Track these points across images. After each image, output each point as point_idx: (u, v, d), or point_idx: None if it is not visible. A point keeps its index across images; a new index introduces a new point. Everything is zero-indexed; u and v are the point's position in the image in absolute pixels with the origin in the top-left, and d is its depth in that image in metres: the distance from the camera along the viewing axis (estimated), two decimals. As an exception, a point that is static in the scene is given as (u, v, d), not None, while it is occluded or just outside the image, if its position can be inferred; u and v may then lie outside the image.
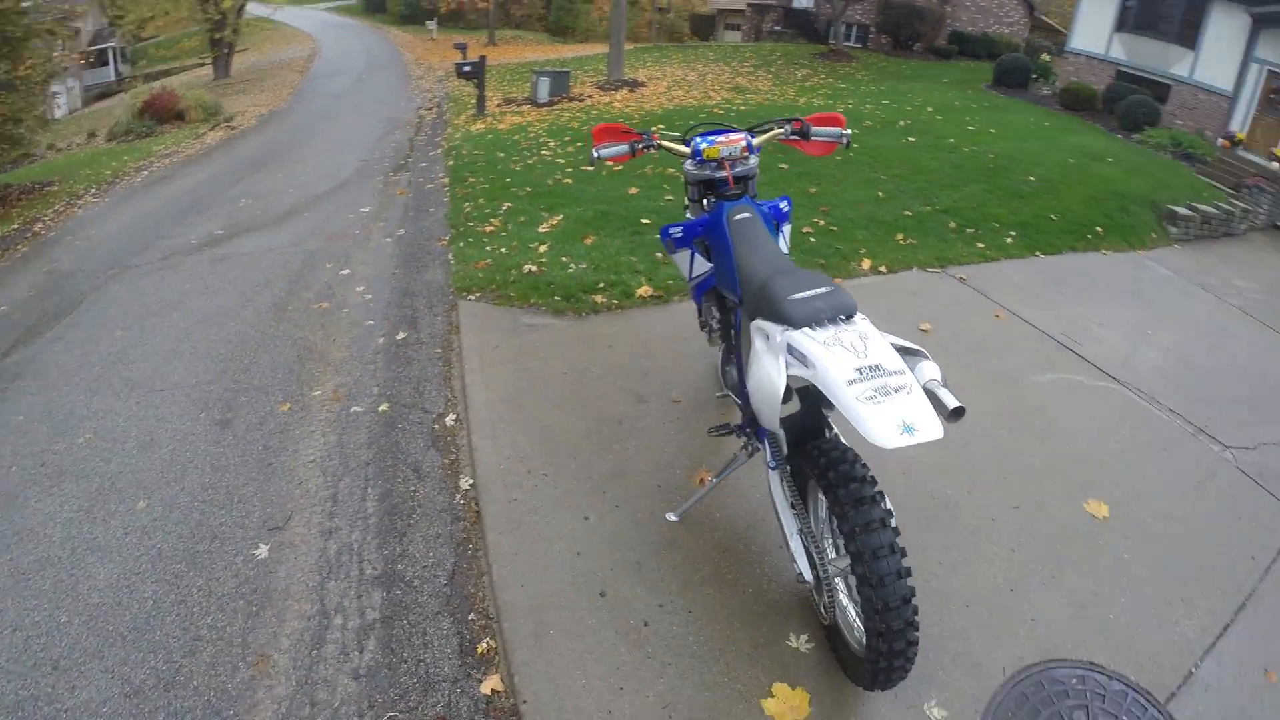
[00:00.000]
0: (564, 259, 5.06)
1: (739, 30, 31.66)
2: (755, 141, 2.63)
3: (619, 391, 3.50)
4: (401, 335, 4.16)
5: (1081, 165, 9.12)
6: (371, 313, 4.53)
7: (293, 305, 4.71)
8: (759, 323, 2.09)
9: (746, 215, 2.50)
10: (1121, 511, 3.23)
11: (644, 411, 3.37)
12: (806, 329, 1.91)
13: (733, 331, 2.69)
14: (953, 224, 6.61)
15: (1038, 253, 6.49)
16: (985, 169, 8.46)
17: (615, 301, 4.39)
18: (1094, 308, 5.67)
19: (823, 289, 2.00)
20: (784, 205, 2.77)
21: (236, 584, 2.59)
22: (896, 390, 1.71)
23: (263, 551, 2.71)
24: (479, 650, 2.33)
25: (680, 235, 2.73)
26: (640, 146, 2.60)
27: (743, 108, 12.23)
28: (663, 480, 2.97)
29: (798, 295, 1.98)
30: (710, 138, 2.58)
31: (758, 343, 2.09)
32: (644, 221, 5.82)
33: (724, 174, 2.59)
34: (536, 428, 3.22)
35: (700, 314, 3.41)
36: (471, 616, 2.45)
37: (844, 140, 2.80)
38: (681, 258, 2.81)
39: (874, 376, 1.74)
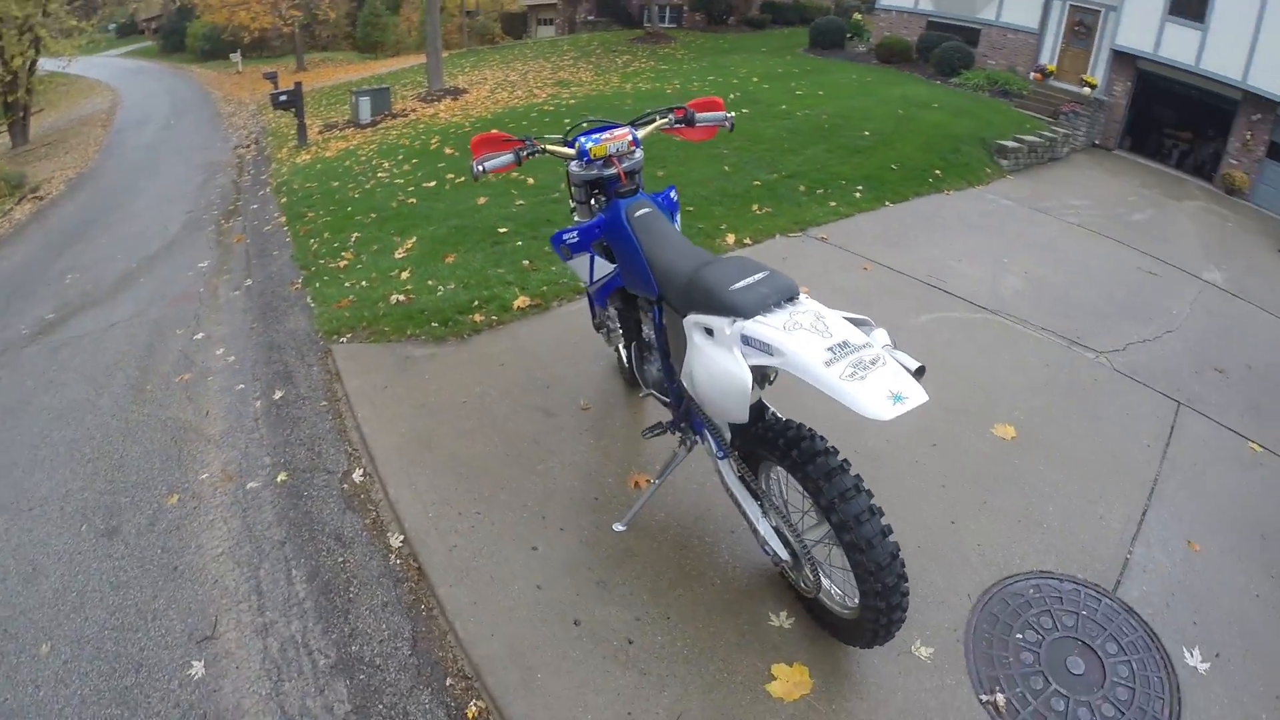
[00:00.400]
0: (430, 282, 4.83)
1: (552, 25, 31.56)
2: (640, 135, 2.60)
3: (525, 409, 3.38)
4: (279, 394, 3.81)
5: (910, 115, 9.75)
6: (239, 375, 4.13)
7: (151, 383, 4.21)
8: (696, 318, 2.05)
9: (647, 210, 2.45)
10: (1027, 430, 3.51)
11: (557, 425, 3.27)
12: (759, 317, 1.88)
13: (649, 330, 2.64)
14: (802, 187, 6.88)
15: (887, 202, 6.89)
16: (821, 130, 8.86)
17: (495, 317, 4.23)
18: (950, 246, 6.08)
19: (759, 274, 1.99)
20: (673, 194, 2.75)
21: (181, 714, 2.26)
22: (873, 363, 1.72)
23: (198, 669, 2.38)
24: (470, 715, 2.17)
25: (576, 240, 2.64)
26: (525, 154, 2.49)
27: (572, 101, 12.18)
28: (597, 491, 2.89)
29: (739, 284, 1.95)
30: (595, 136, 2.51)
31: (697, 338, 2.05)
32: (501, 230, 5.66)
33: (614, 170, 2.53)
34: (452, 465, 3.04)
35: (595, 316, 3.32)
36: (449, 682, 2.27)
37: (727, 124, 2.83)
38: (580, 263, 2.72)
39: (846, 353, 1.74)
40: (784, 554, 2.27)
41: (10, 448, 3.73)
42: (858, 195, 6.85)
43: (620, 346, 3.49)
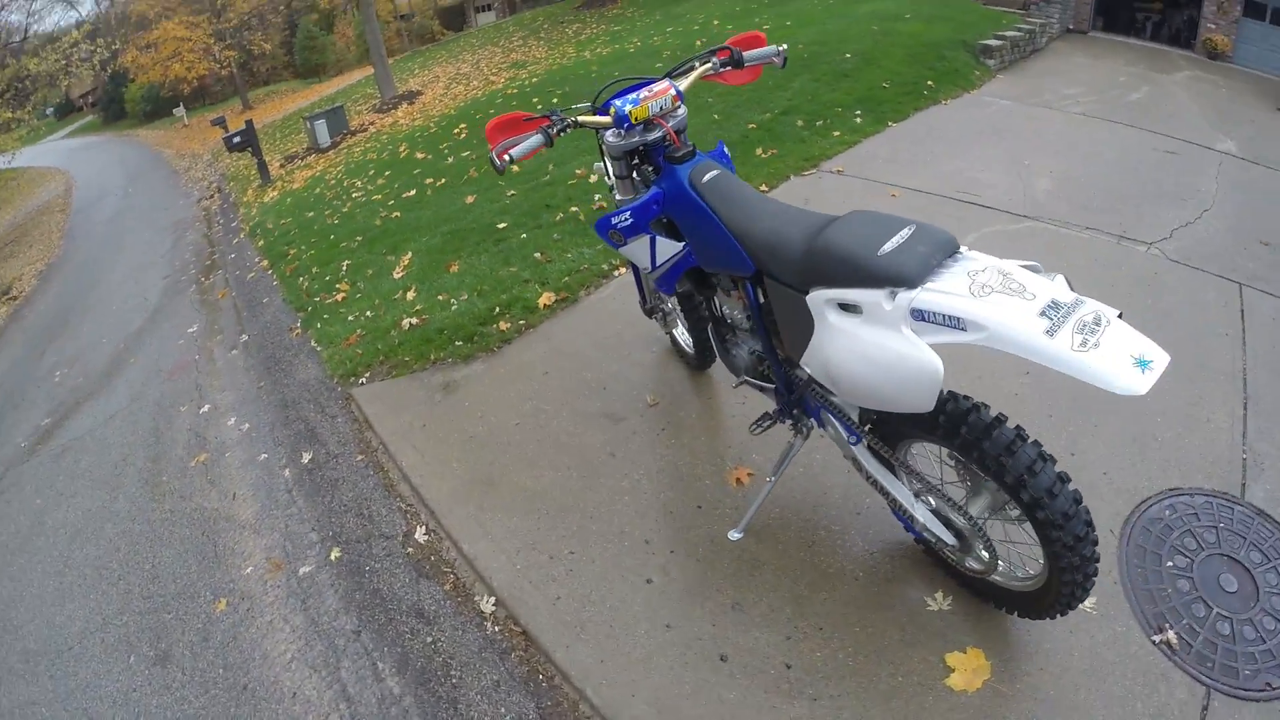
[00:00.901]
0: (440, 297, 4.43)
1: (491, 10, 30.69)
2: (683, 87, 2.18)
3: (587, 419, 3.01)
4: (307, 457, 3.44)
5: (885, 29, 9.27)
6: (258, 444, 3.75)
7: (166, 474, 3.83)
8: (829, 293, 1.67)
9: (716, 172, 2.07)
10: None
11: (628, 431, 2.91)
12: (929, 284, 1.52)
13: (735, 312, 2.29)
14: (800, 122, 6.45)
15: (889, 123, 6.46)
16: (801, 60, 8.39)
17: (522, 321, 3.83)
18: (967, 157, 5.68)
19: (907, 229, 1.62)
20: (724, 150, 2.35)
21: None
22: (1096, 323, 1.37)
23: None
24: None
25: (629, 222, 2.23)
26: (556, 130, 2.07)
27: (534, 80, 11.68)
28: (698, 498, 2.54)
29: (888, 246, 1.58)
30: (631, 97, 2.09)
31: (833, 318, 1.68)
32: (500, 226, 5.25)
33: (661, 133, 2.12)
34: (526, 500, 2.68)
35: (644, 299, 2.97)
36: (602, 761, 1.94)
37: (779, 59, 2.38)
38: (638, 247, 2.31)
39: (1064, 316, 1.38)
40: (948, 537, 1.96)
41: (32, 580, 3.35)
42: (858, 120, 6.42)
43: (681, 330, 3.13)
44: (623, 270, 4.07)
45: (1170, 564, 2.32)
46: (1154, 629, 2.08)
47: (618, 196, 2.37)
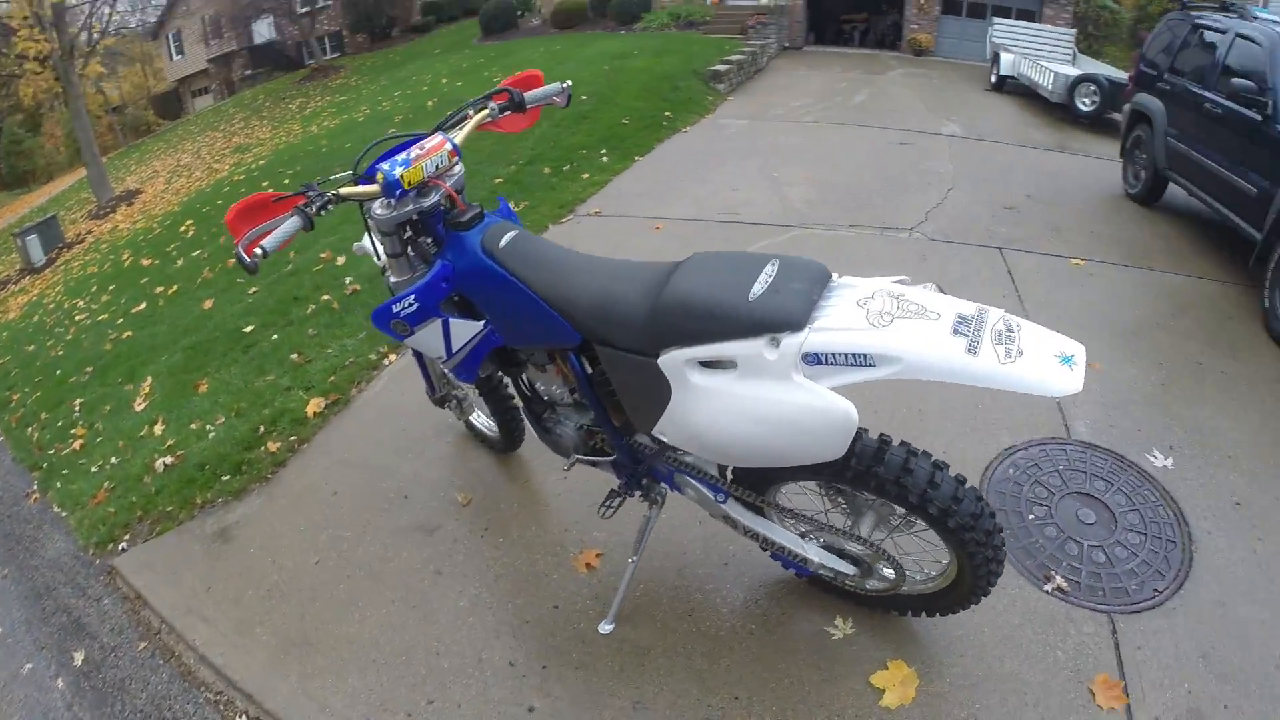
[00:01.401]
0: (194, 425, 3.71)
1: (209, 93, 28.23)
2: (459, 139, 1.89)
3: (398, 537, 2.59)
4: (79, 658, 2.63)
5: (616, 68, 9.62)
6: (18, 653, 2.76)
7: None
8: (688, 353, 1.48)
9: (514, 233, 1.82)
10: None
11: (446, 540, 2.53)
12: (818, 322, 1.37)
13: (555, 388, 2.04)
14: (547, 169, 6.42)
15: (636, 158, 6.64)
16: (542, 107, 8.45)
17: (294, 437, 3.28)
18: (720, 179, 5.96)
19: (771, 266, 1.48)
20: (507, 206, 2.11)
21: None
22: (1009, 330, 1.32)
23: None
24: None
25: (414, 308, 1.88)
26: (315, 209, 1.67)
27: (261, 163, 10.79)
28: (551, 598, 2.26)
29: (757, 289, 1.42)
30: (400, 158, 1.75)
31: (697, 379, 1.50)
32: (247, 330, 4.58)
33: (439, 196, 1.81)
34: (354, 654, 2.20)
35: (433, 388, 2.63)
36: None
37: (561, 98, 2.17)
38: (428, 334, 1.95)
39: (977, 330, 1.31)
40: (848, 569, 1.88)
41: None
42: (605, 159, 6.51)
43: (480, 415, 2.82)
44: (393, 357, 3.67)
45: (1032, 516, 2.47)
46: (1042, 580, 2.19)
47: (392, 280, 1.98)
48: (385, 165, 1.72)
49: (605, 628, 2.08)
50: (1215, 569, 2.24)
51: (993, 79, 10.52)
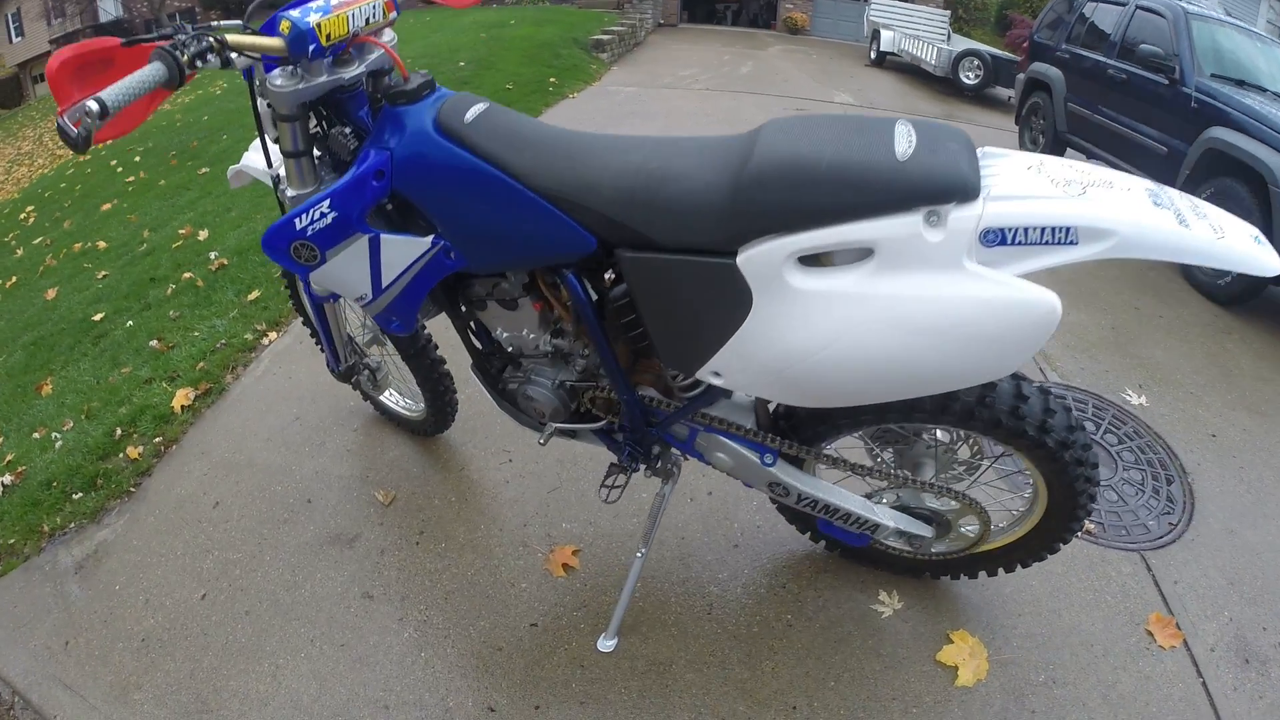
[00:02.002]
0: (37, 435, 2.84)
1: (51, 78, 24.66)
2: None
3: (306, 554, 1.98)
4: None
5: (495, 36, 9.08)
6: None
7: None
8: (793, 241, 1.06)
9: (483, 106, 1.28)
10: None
11: (371, 552, 1.95)
12: (998, 190, 1.00)
13: (529, 331, 1.50)
14: None
15: (524, 122, 6.20)
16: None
17: (158, 439, 2.53)
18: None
19: (903, 125, 1.11)
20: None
21: None
22: (1195, 207, 1.04)
23: None
24: None
25: (330, 220, 1.28)
26: (188, 54, 1.02)
27: (110, 144, 9.29)
28: (524, 614, 1.76)
29: (905, 149, 1.02)
30: (316, 4, 1.15)
31: (801, 281, 1.08)
32: (97, 318, 3.68)
33: (371, 62, 1.24)
34: (268, 718, 1.62)
35: (338, 360, 2.01)
36: None
37: None
38: (347, 262, 1.35)
39: (1170, 203, 1.01)
40: (924, 530, 1.55)
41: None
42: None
43: (394, 394, 2.29)
44: (274, 335, 3.00)
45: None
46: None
47: (289, 193, 1.35)
48: (295, 12, 1.13)
49: (606, 644, 1.64)
50: (1215, 498, 2.26)
51: (872, 55, 10.95)
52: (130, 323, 3.52)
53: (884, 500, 1.57)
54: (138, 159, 7.23)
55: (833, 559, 1.86)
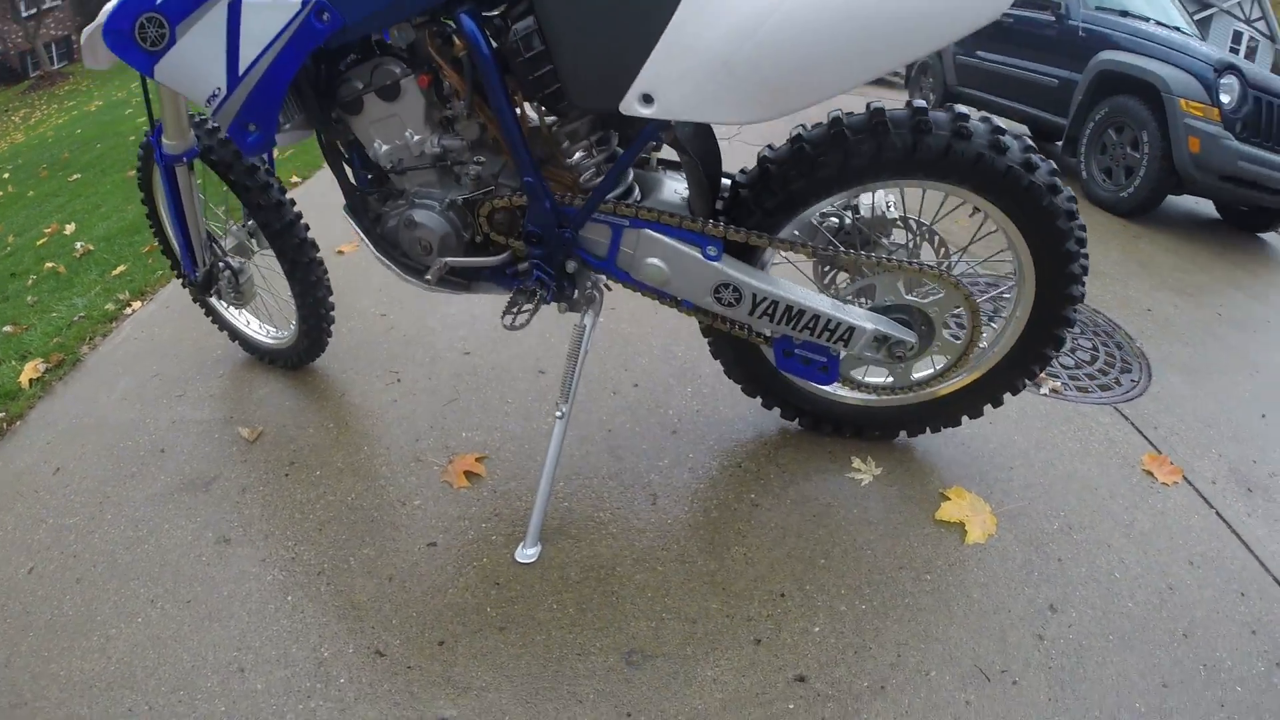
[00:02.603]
0: None
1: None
2: None
3: (157, 504, 1.47)
4: None
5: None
6: None
7: None
8: None
9: None
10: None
11: (231, 491, 1.47)
12: None
13: (407, 132, 1.22)
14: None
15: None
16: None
17: (1, 416, 2.01)
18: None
19: None
20: None
21: None
22: None
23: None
24: None
25: None
26: None
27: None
28: (422, 533, 1.35)
29: None
30: None
31: None
32: None
33: None
34: (92, 701, 1.09)
35: (193, 260, 1.68)
36: None
37: None
38: (200, 38, 1.10)
39: None
40: (908, 334, 1.29)
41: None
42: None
43: (248, 316, 1.92)
44: (136, 305, 2.49)
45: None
46: (1035, 386, 1.94)
47: None
48: None
49: (526, 554, 1.26)
50: (1166, 359, 2.24)
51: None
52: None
53: (867, 326, 1.28)
54: (6, 175, 6.36)
55: (790, 434, 1.57)
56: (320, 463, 1.54)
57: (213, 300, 1.87)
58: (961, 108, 1.22)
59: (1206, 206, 4.55)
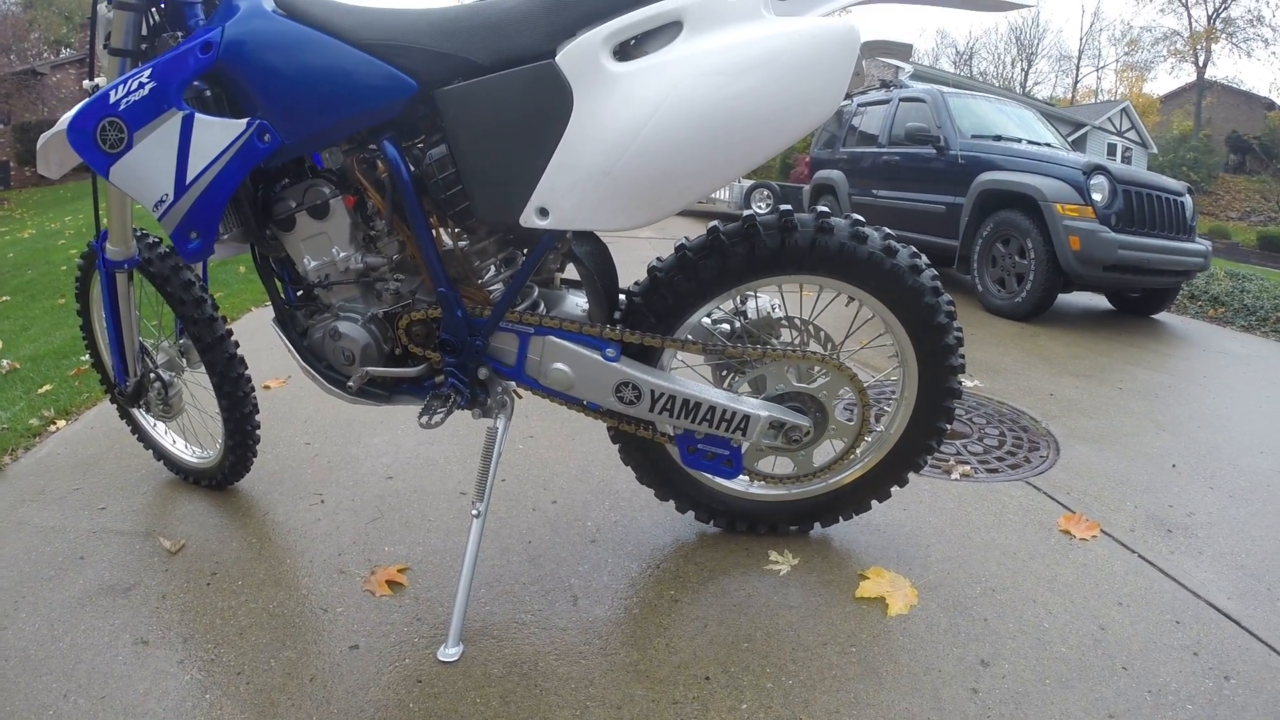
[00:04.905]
0: None
1: None
2: None
3: (69, 607, 1.33)
4: None
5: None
6: None
7: None
8: (618, 23, 1.08)
9: None
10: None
11: (150, 597, 1.35)
12: None
13: (334, 249, 1.33)
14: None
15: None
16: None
17: None
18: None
19: None
20: None
21: None
22: None
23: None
24: None
25: (147, 92, 1.17)
26: None
27: None
28: (344, 637, 1.31)
29: None
30: None
31: (618, 67, 1.09)
32: None
33: None
34: None
35: (124, 370, 1.71)
36: None
37: None
38: (155, 146, 1.19)
39: None
40: (801, 419, 1.38)
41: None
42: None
43: (168, 433, 1.95)
44: (61, 423, 2.43)
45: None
46: (945, 474, 2.02)
47: (99, 82, 1.33)
48: None
49: (449, 653, 1.25)
50: (1073, 431, 2.40)
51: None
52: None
53: (753, 391, 1.39)
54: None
55: (707, 535, 1.62)
56: (242, 574, 1.51)
57: (139, 414, 1.88)
58: (824, 207, 1.37)
59: (1101, 301, 4.93)
